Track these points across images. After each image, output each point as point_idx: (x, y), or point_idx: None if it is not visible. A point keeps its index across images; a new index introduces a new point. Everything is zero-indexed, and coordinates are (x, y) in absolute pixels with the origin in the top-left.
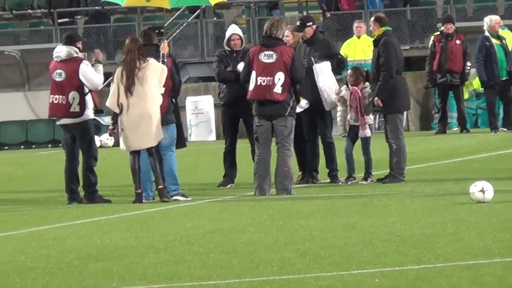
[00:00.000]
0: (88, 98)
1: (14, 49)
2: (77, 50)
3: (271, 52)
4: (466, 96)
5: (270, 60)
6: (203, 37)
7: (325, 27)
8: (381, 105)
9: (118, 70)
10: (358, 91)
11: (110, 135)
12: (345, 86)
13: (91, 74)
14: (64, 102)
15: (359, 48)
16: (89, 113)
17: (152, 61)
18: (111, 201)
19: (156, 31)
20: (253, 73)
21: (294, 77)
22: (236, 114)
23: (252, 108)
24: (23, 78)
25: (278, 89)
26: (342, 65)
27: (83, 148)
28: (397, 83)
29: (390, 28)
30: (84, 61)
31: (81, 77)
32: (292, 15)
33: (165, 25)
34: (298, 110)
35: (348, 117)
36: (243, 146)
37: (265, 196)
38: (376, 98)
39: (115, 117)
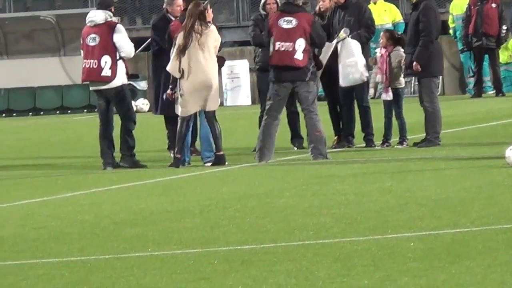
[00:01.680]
0: (120, 64)
1: (49, 14)
2: (111, 14)
3: (290, 18)
4: (507, 59)
5: (290, 26)
6: (238, 0)
7: None
8: (420, 69)
9: (179, 35)
10: (386, 53)
11: (168, 100)
12: (379, 49)
13: (124, 39)
14: (95, 66)
15: (375, 14)
16: (123, 78)
17: (213, 27)
18: (147, 166)
19: None
20: (272, 39)
21: (314, 44)
22: None
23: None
24: (59, 43)
25: (299, 55)
26: (370, 30)
27: (121, 113)
28: (433, 48)
29: None
30: (118, 25)
31: (115, 41)
32: None
33: None
34: (339, 39)
35: (377, 78)
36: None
37: (264, 162)
38: (415, 63)
39: (174, 81)
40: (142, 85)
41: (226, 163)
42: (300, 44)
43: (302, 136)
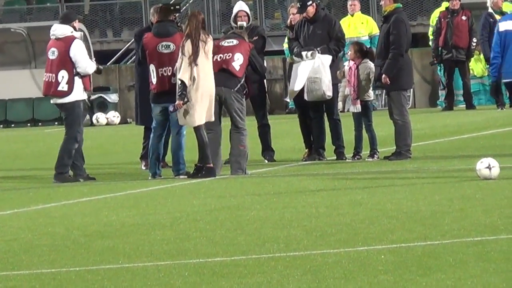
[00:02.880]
0: (78, 79)
1: (20, 26)
2: (72, 29)
3: (232, 39)
4: (481, 72)
5: (231, 44)
6: (209, 14)
7: (332, 3)
8: (389, 82)
9: (187, 44)
10: (355, 66)
11: (175, 110)
12: (347, 61)
13: (81, 55)
14: (53, 80)
15: (352, 26)
16: (77, 95)
17: (210, 37)
18: (95, 179)
19: (172, 7)
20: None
21: (254, 69)
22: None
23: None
24: (30, 55)
25: (236, 65)
26: (340, 43)
27: (66, 128)
28: (403, 61)
29: (401, 5)
30: (76, 40)
31: (71, 56)
32: None
33: (171, 1)
34: (305, 60)
35: (346, 91)
36: (250, 123)
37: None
38: (384, 76)
39: (183, 91)
40: (113, 97)
41: (217, 176)
42: (239, 58)
43: (273, 149)
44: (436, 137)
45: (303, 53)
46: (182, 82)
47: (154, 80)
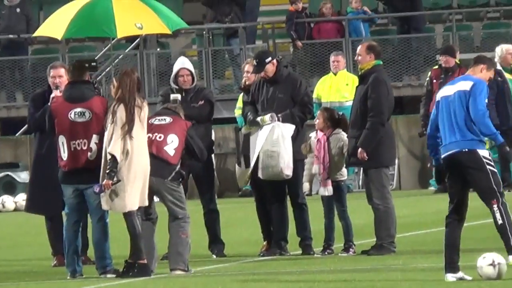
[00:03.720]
0: None
1: None
2: None
3: (164, 117)
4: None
5: (163, 122)
6: (144, 72)
7: (297, 60)
8: (366, 158)
9: (119, 110)
10: (324, 138)
11: (102, 191)
12: (314, 132)
13: None
14: None
15: (334, 88)
16: None
17: (145, 102)
18: None
19: (87, 64)
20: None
21: (191, 153)
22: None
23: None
24: None
25: (169, 149)
26: (307, 109)
27: None
28: (383, 131)
29: (381, 62)
30: None
31: None
32: (255, 45)
33: (97, 57)
34: (263, 123)
35: (313, 169)
36: (194, 209)
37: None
38: (360, 150)
39: (113, 167)
40: (22, 176)
41: (151, 275)
42: (173, 140)
43: (222, 241)
44: (427, 226)
45: (259, 118)
46: (113, 156)
47: (64, 155)
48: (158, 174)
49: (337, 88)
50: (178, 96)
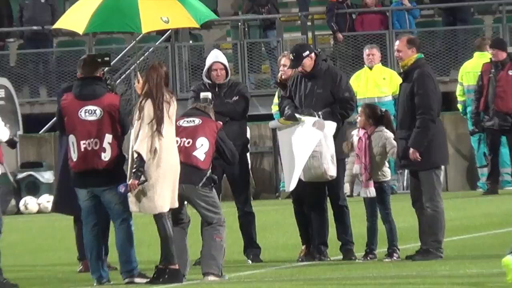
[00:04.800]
0: None
1: None
2: None
3: (193, 118)
4: None
5: (191, 124)
6: (175, 66)
7: (338, 53)
8: (419, 158)
9: (147, 105)
10: (366, 136)
11: (127, 191)
12: (357, 129)
13: None
14: None
15: (371, 82)
16: None
17: (174, 97)
18: (17, 286)
19: (99, 59)
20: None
21: (224, 157)
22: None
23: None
24: None
25: (200, 154)
26: (348, 106)
27: None
28: (434, 129)
29: (422, 56)
30: None
31: None
32: (293, 37)
33: (125, 50)
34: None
35: (354, 169)
36: (228, 211)
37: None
38: (412, 151)
39: (141, 167)
40: (46, 176)
41: (183, 281)
42: (203, 143)
43: (259, 246)
44: (476, 229)
45: (298, 115)
46: (139, 155)
47: (74, 155)
48: (188, 180)
49: (374, 83)
50: (209, 95)
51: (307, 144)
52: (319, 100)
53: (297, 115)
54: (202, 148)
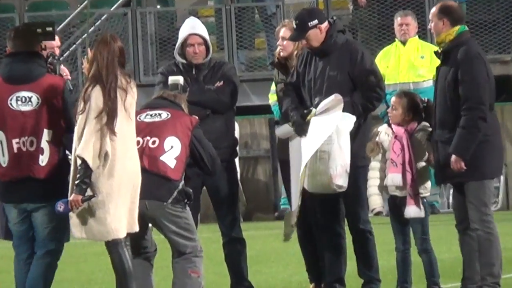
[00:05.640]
0: None
1: None
2: None
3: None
4: None
5: (157, 119)
6: (137, 40)
7: (359, 22)
8: (464, 168)
9: (94, 94)
10: (406, 135)
11: (68, 210)
12: (385, 125)
13: None
14: None
15: (404, 62)
16: None
17: (133, 83)
18: None
19: (39, 29)
20: None
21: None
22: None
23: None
24: None
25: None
26: (374, 95)
27: None
28: (486, 128)
29: (466, 28)
30: None
31: None
32: (299, 1)
33: (70, 17)
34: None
35: (387, 180)
36: (209, 237)
37: None
38: (454, 158)
39: (86, 177)
40: None
41: None
42: (173, 145)
43: (250, 283)
44: None
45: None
46: (84, 161)
47: (3, 159)
48: (153, 195)
49: (409, 63)
50: (180, 79)
51: (318, 135)
52: (332, 85)
53: (310, 118)
54: (172, 152)
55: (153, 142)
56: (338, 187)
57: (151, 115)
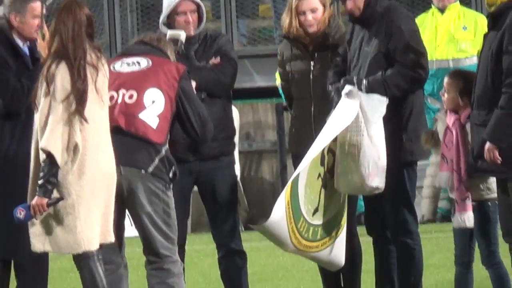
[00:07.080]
0: None
1: None
2: None
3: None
4: None
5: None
6: (113, 7)
7: None
8: (499, 159)
9: (59, 73)
10: (458, 125)
11: (29, 218)
12: (443, 111)
13: None
14: None
15: (442, 34)
16: None
17: (104, 59)
18: None
19: None
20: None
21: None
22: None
23: None
24: None
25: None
26: (414, 74)
27: None
28: None
29: None
30: None
31: None
32: None
33: None
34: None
35: (438, 181)
36: (199, 249)
37: None
38: (488, 146)
39: (52, 176)
40: None
41: None
42: (155, 100)
43: None
44: None
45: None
46: (49, 155)
47: None
48: (130, 161)
49: (448, 35)
50: (182, 34)
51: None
52: (367, 65)
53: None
54: (154, 108)
55: (130, 96)
56: (372, 188)
57: (127, 64)
